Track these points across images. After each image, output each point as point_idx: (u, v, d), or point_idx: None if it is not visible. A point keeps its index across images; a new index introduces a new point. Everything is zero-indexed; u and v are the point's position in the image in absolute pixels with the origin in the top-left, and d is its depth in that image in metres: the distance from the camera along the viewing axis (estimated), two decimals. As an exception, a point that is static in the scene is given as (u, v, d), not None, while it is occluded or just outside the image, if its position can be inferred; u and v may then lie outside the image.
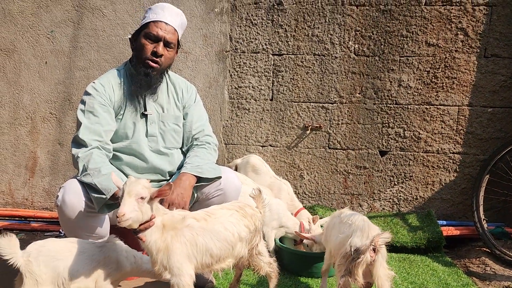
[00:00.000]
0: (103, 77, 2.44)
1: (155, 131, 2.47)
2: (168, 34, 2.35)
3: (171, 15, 2.39)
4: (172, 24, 2.37)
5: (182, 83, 2.61)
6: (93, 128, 2.24)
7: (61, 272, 1.83)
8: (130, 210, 1.69)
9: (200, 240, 1.91)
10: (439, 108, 3.48)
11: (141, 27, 2.38)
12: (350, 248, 1.94)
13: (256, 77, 3.59)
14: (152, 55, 2.33)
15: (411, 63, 3.46)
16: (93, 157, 2.16)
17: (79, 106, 2.33)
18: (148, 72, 2.34)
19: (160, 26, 2.33)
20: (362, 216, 2.15)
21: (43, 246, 1.86)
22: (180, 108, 2.55)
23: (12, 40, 3.65)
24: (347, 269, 1.93)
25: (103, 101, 2.32)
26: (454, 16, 3.38)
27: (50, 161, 3.74)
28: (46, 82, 3.67)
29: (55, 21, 3.61)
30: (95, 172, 2.11)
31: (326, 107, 3.56)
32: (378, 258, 1.93)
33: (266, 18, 3.51)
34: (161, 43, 2.33)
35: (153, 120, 2.46)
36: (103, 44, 3.61)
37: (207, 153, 2.48)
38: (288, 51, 3.54)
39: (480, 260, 3.12)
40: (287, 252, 2.83)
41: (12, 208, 3.76)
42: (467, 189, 3.52)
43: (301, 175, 3.64)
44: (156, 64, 2.34)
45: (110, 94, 2.36)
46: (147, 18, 2.37)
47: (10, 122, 3.73)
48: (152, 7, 2.41)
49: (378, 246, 1.92)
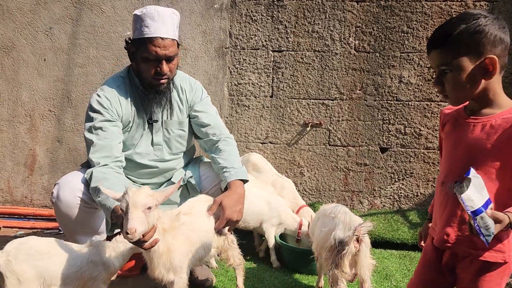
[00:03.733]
0: (107, 88, 2.30)
1: (160, 139, 2.42)
2: (168, 49, 2.18)
3: (164, 23, 2.18)
4: (169, 36, 2.19)
5: (185, 82, 2.48)
6: (103, 144, 2.17)
7: (42, 272, 1.76)
8: (139, 224, 1.59)
9: (193, 236, 1.93)
10: (440, 105, 3.47)
11: (136, 44, 2.21)
12: (335, 241, 1.98)
13: (256, 74, 3.57)
14: (156, 75, 2.22)
15: (411, 59, 3.44)
16: (93, 176, 2.08)
17: (86, 124, 2.25)
18: (159, 90, 2.26)
19: (158, 44, 2.15)
20: (344, 208, 2.17)
21: (23, 244, 1.78)
22: (185, 111, 2.46)
23: (10, 37, 3.63)
24: (334, 262, 1.97)
25: (110, 117, 2.23)
26: (455, 12, 3.36)
27: (49, 159, 3.73)
28: (44, 79, 3.65)
29: (54, 18, 3.59)
30: (96, 191, 2.03)
31: (326, 103, 3.55)
32: (362, 248, 1.98)
33: (266, 14, 3.49)
34: (163, 61, 2.19)
35: (158, 128, 2.41)
36: (102, 41, 3.59)
37: (235, 149, 2.45)
38: (288, 48, 3.52)
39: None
40: (287, 249, 2.83)
41: (11, 206, 3.75)
42: (468, 185, 3.50)
43: (301, 172, 3.62)
44: (164, 79, 2.25)
45: (118, 109, 2.27)
46: (139, 33, 2.18)
47: (9, 120, 3.71)
48: (141, 16, 2.18)
49: (361, 236, 1.97)
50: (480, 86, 1.39)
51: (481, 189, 1.29)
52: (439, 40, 1.42)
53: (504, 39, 1.36)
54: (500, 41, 1.36)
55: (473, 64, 1.37)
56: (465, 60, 1.37)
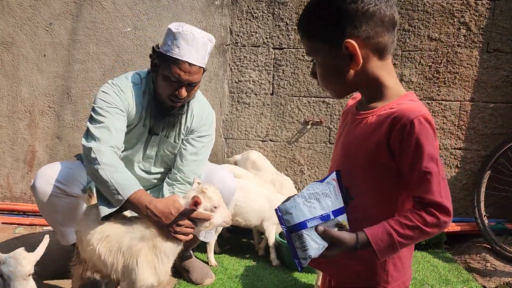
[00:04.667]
0: (124, 80, 2.21)
1: (153, 153, 2.38)
2: (192, 76, 2.07)
3: (197, 49, 2.06)
4: (197, 64, 2.08)
5: (198, 108, 2.34)
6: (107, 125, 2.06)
7: None
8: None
9: None
10: (441, 103, 3.46)
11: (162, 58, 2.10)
12: None
13: (257, 71, 3.55)
14: (173, 97, 2.12)
15: (413, 57, 3.43)
16: (105, 152, 1.98)
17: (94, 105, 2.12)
18: (171, 113, 2.19)
19: (183, 69, 2.04)
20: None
21: None
22: (182, 136, 2.37)
23: (10, 33, 3.61)
24: None
25: (118, 106, 2.13)
26: (456, 10, 3.34)
27: (49, 155, 3.72)
28: (44, 75, 3.64)
29: (54, 13, 3.57)
30: (110, 168, 1.94)
31: (327, 101, 3.53)
32: None
33: (267, 11, 3.48)
34: (183, 87, 2.10)
35: (155, 142, 2.35)
36: (102, 37, 3.57)
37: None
38: (289, 45, 3.50)
39: (481, 256, 3.11)
40: (286, 247, 2.82)
41: (10, 202, 3.74)
42: (468, 185, 3.50)
43: (301, 170, 3.62)
44: (179, 103, 2.17)
45: (125, 104, 2.16)
46: (168, 49, 2.06)
47: (8, 116, 3.70)
48: (176, 33, 2.06)
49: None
50: (351, 77, 1.12)
51: (323, 198, 1.06)
52: (299, 26, 1.17)
53: (374, 12, 1.05)
54: (366, 17, 1.05)
55: (334, 51, 1.10)
56: (323, 48, 1.11)
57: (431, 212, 1.02)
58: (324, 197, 1.06)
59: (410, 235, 1.02)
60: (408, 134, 1.03)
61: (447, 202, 1.03)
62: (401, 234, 1.02)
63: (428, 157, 1.02)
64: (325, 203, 1.06)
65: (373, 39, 1.08)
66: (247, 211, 2.83)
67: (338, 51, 1.08)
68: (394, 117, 1.05)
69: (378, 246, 1.02)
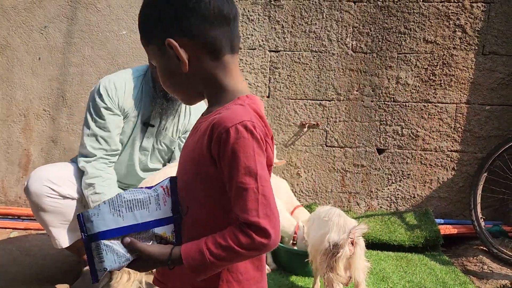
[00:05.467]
0: (121, 75, 2.29)
1: (149, 145, 2.39)
2: None
3: None
4: None
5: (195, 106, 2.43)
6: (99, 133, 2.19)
7: None
8: None
9: None
10: (437, 106, 3.46)
11: None
12: (329, 244, 1.96)
13: (253, 74, 3.55)
14: None
15: (409, 60, 3.43)
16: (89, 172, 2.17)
17: (89, 104, 2.24)
18: (170, 97, 2.24)
19: None
20: (338, 210, 2.16)
21: None
22: (179, 133, 2.43)
23: (4, 35, 3.59)
24: (329, 265, 1.96)
25: (111, 105, 2.21)
26: (452, 13, 3.35)
27: (44, 159, 3.69)
28: (39, 78, 3.62)
29: (49, 16, 3.55)
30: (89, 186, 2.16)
31: (323, 104, 3.53)
32: (357, 251, 1.97)
33: (262, 14, 3.47)
34: None
35: (152, 134, 2.37)
36: (97, 40, 3.56)
37: None
38: (285, 48, 3.50)
39: (478, 258, 3.10)
40: (283, 250, 2.81)
41: (5, 206, 3.71)
42: (464, 187, 3.50)
43: (298, 173, 3.61)
44: None
45: (120, 98, 2.23)
46: None
47: (3, 119, 3.68)
48: None
49: (356, 239, 1.95)
50: (187, 79, 1.02)
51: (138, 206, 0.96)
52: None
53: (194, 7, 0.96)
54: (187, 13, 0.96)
55: (163, 53, 1.01)
56: (154, 50, 1.03)
57: (246, 232, 0.90)
58: (141, 205, 0.97)
59: (222, 256, 0.91)
60: (224, 144, 0.92)
61: (265, 222, 0.90)
62: (213, 254, 0.91)
63: (244, 170, 0.91)
64: (140, 212, 0.96)
65: (198, 37, 0.98)
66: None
67: (167, 52, 0.99)
68: (213, 124, 0.94)
69: (189, 264, 0.92)
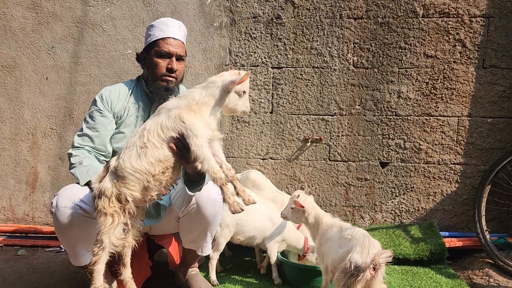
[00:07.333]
0: (116, 85, 2.56)
1: None
2: (178, 48, 2.44)
3: (175, 29, 2.46)
4: (179, 38, 2.46)
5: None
6: (89, 134, 2.38)
7: None
8: None
9: None
10: (439, 119, 3.49)
11: (149, 45, 2.44)
12: (350, 264, 1.95)
13: (256, 90, 3.60)
14: (167, 71, 2.42)
15: (410, 74, 3.47)
16: (73, 154, 2.37)
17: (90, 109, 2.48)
18: (169, 87, 2.43)
19: (170, 43, 2.41)
20: (362, 230, 2.15)
21: None
22: None
23: (13, 56, 3.68)
24: (346, 285, 1.95)
25: (103, 107, 2.42)
26: (451, 28, 3.40)
27: (51, 177, 3.74)
28: (46, 97, 3.69)
29: (56, 37, 3.64)
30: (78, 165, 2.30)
31: (326, 119, 3.57)
32: (378, 275, 1.95)
33: (265, 32, 3.54)
34: (174, 59, 2.42)
35: None
36: (103, 59, 3.63)
37: None
38: (287, 64, 3.56)
39: (484, 271, 3.09)
40: (288, 265, 2.82)
41: (13, 224, 3.75)
42: (468, 199, 3.51)
43: (302, 187, 3.63)
44: (173, 78, 2.44)
45: (113, 101, 2.45)
46: (153, 36, 2.44)
47: (11, 138, 3.74)
48: (155, 24, 2.46)
49: (379, 265, 1.93)
50: None
51: None
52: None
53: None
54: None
55: None
56: None
57: None
58: None
59: None
60: None
61: None
62: None
63: None
64: None
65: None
66: (249, 230, 2.84)
67: None
68: None
69: None
